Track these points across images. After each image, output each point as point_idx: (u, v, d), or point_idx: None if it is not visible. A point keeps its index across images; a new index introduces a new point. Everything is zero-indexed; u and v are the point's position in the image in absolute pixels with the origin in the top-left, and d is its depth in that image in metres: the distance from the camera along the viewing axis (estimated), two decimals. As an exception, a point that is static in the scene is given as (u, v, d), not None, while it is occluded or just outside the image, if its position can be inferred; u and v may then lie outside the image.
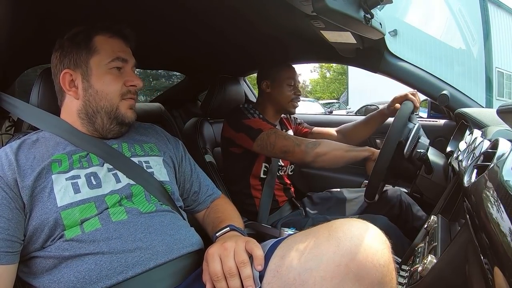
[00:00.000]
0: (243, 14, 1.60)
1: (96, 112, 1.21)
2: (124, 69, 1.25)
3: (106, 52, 1.21)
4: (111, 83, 1.22)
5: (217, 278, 0.92)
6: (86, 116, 1.22)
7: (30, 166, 1.06)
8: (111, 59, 1.21)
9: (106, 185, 1.13)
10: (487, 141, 1.15)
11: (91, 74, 1.20)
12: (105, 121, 1.23)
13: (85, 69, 1.20)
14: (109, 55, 1.21)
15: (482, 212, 0.74)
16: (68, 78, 1.20)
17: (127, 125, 1.29)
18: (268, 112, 2.14)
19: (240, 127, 1.94)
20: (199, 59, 2.42)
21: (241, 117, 1.97)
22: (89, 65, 1.20)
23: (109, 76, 1.21)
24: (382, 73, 2.11)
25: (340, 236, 0.83)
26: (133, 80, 1.26)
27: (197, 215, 1.46)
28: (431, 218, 1.33)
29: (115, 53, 1.22)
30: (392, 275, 0.83)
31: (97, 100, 1.21)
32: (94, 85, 1.20)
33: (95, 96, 1.20)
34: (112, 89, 1.22)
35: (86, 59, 1.20)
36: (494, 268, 0.60)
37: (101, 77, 1.21)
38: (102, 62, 1.21)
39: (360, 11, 1.21)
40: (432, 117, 2.51)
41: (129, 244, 1.03)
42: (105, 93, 1.21)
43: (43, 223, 1.00)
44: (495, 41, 12.53)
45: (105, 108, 1.21)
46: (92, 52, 1.20)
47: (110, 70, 1.22)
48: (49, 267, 1.00)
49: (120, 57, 1.23)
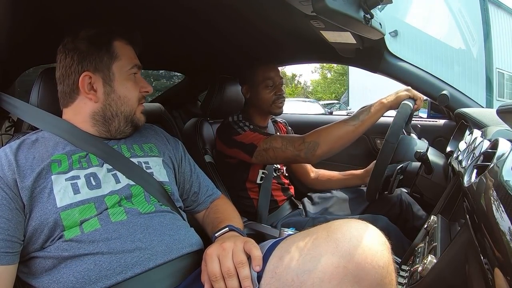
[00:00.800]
0: (242, 14, 1.60)
1: (115, 115, 1.24)
2: (137, 74, 1.29)
3: (126, 59, 1.25)
4: (132, 89, 1.26)
5: (215, 278, 0.92)
6: (103, 119, 1.23)
7: (29, 167, 1.06)
8: (131, 66, 1.26)
9: (105, 186, 1.13)
10: (487, 141, 1.15)
11: (114, 79, 1.22)
12: (121, 124, 1.26)
13: (107, 73, 1.21)
14: (129, 62, 1.26)
15: (482, 212, 0.74)
16: (87, 80, 1.20)
17: (138, 128, 1.33)
18: (255, 117, 2.11)
19: (232, 143, 1.91)
20: (199, 59, 2.42)
21: (231, 133, 1.92)
22: (112, 70, 1.22)
23: (130, 83, 1.26)
24: (382, 73, 2.11)
25: (339, 237, 0.83)
26: (147, 87, 1.31)
27: (197, 216, 1.46)
28: (431, 218, 1.33)
29: (132, 60, 1.27)
30: (392, 277, 0.82)
31: (118, 105, 1.24)
32: (117, 90, 1.23)
33: (117, 100, 1.23)
34: (133, 95, 1.27)
35: (108, 64, 1.22)
36: (494, 268, 0.60)
37: (124, 83, 1.24)
38: (124, 68, 1.24)
39: (360, 11, 1.20)
40: (432, 117, 2.51)
41: (128, 244, 1.03)
42: (127, 99, 1.25)
43: (43, 224, 1.01)
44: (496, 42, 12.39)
45: (124, 112, 1.25)
46: (114, 58, 1.23)
47: (129, 76, 1.26)
48: (49, 267, 1.00)
49: (137, 65, 1.28)
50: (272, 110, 2.07)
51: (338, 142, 1.71)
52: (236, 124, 1.96)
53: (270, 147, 1.79)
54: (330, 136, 1.70)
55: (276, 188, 2.13)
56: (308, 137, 1.73)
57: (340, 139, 1.71)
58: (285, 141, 1.77)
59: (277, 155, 1.79)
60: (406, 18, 8.36)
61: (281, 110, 2.09)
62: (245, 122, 1.96)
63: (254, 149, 1.83)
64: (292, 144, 1.75)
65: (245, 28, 1.81)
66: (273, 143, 1.79)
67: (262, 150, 1.81)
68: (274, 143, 1.79)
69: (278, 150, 1.78)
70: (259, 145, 1.81)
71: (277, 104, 2.05)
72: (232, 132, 1.91)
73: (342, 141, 1.72)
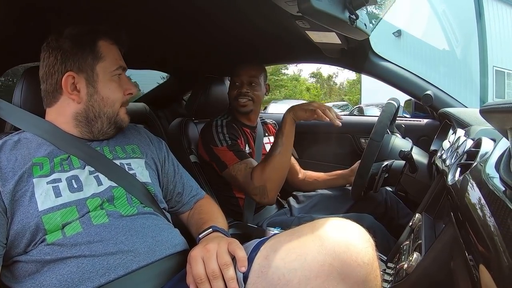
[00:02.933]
0: (227, 14, 1.60)
1: (98, 117, 1.22)
2: (122, 76, 1.28)
3: (110, 60, 1.23)
4: (116, 91, 1.24)
5: (200, 280, 0.92)
6: (85, 120, 1.22)
7: (11, 169, 1.05)
8: (116, 67, 1.24)
9: (87, 188, 1.12)
10: (471, 140, 1.17)
11: (97, 80, 1.20)
12: (104, 125, 1.24)
13: (90, 74, 1.20)
14: (113, 63, 1.24)
15: (466, 210, 0.75)
16: (70, 81, 1.18)
17: (122, 129, 1.31)
18: (240, 116, 2.14)
19: (210, 153, 1.95)
20: (184, 59, 2.41)
21: (211, 142, 1.94)
22: (96, 71, 1.20)
23: (114, 84, 1.24)
24: (367, 73, 2.14)
25: (324, 236, 0.83)
26: (131, 89, 1.29)
27: (182, 216, 1.46)
28: (416, 216, 1.35)
29: (117, 61, 1.25)
30: (377, 273, 0.83)
31: (101, 106, 1.22)
32: (100, 92, 1.21)
33: (100, 102, 1.22)
34: (116, 97, 1.25)
35: (92, 65, 1.20)
36: (479, 264, 0.61)
37: (107, 84, 1.22)
38: (108, 69, 1.22)
39: (345, 12, 1.21)
40: (415, 117, 2.54)
41: (110, 247, 1.02)
42: (110, 100, 1.23)
43: (25, 228, 0.99)
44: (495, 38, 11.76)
45: (107, 113, 1.24)
46: (98, 58, 1.21)
47: (113, 77, 1.24)
48: (32, 271, 0.99)
49: (122, 66, 1.26)
50: (237, 108, 2.09)
51: (279, 174, 1.80)
52: (217, 132, 1.96)
53: (236, 176, 1.86)
54: (271, 174, 1.76)
55: None
56: (255, 180, 1.79)
57: (279, 171, 1.79)
58: (246, 178, 1.83)
59: (239, 186, 1.89)
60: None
61: (244, 109, 2.08)
62: (225, 135, 1.95)
63: (225, 168, 1.89)
64: (248, 184, 1.81)
65: (230, 28, 1.81)
66: (237, 174, 1.85)
67: (229, 176, 1.89)
68: (239, 174, 1.85)
69: (241, 184, 1.86)
70: (229, 167, 1.88)
71: (239, 103, 2.06)
72: (212, 142, 1.94)
73: (282, 172, 1.81)
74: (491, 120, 0.74)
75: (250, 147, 2.09)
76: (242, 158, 1.87)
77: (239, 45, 2.12)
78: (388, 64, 2.08)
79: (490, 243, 0.59)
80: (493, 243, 0.58)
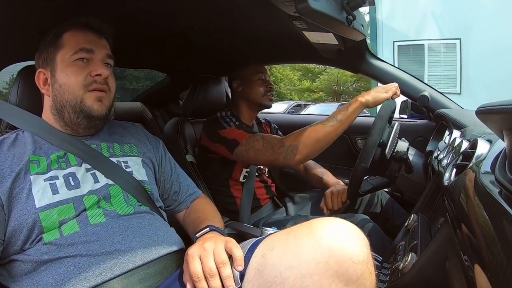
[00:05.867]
0: (224, 14, 1.60)
1: (62, 106, 1.19)
2: (92, 60, 1.21)
3: (70, 45, 1.20)
4: (72, 75, 1.18)
5: (197, 278, 0.92)
6: (56, 112, 1.21)
7: (9, 166, 1.05)
8: (74, 51, 1.19)
9: (84, 186, 1.12)
10: (466, 141, 1.18)
11: (57, 69, 1.19)
12: (72, 115, 1.20)
13: (52, 65, 1.20)
14: (72, 48, 1.19)
15: (462, 210, 0.75)
16: (42, 77, 1.21)
17: (97, 119, 1.23)
18: (242, 111, 2.14)
19: (216, 137, 1.91)
20: (180, 58, 2.41)
21: (217, 127, 1.93)
22: (56, 60, 1.19)
23: (72, 68, 1.19)
24: (363, 73, 2.14)
25: (319, 234, 0.84)
26: (97, 70, 1.20)
27: (178, 215, 1.46)
28: (412, 216, 1.35)
29: (79, 44, 1.20)
30: (371, 271, 0.84)
31: (61, 94, 1.19)
32: (58, 79, 1.19)
33: (59, 89, 1.19)
34: (74, 81, 1.18)
35: (54, 56, 1.20)
36: (474, 264, 0.61)
37: (64, 70, 1.19)
38: (66, 55, 1.19)
39: (343, 13, 1.22)
40: (412, 118, 2.55)
41: (107, 247, 1.03)
42: (67, 86, 1.18)
43: (22, 224, 1.00)
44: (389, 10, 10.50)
45: (69, 101, 1.18)
46: (58, 48, 1.20)
47: (73, 62, 1.19)
48: (28, 270, 0.99)
49: (84, 48, 1.20)
50: (264, 101, 2.11)
51: (317, 144, 1.68)
52: (223, 119, 1.97)
53: (251, 147, 1.78)
54: (309, 140, 1.67)
55: (259, 187, 2.13)
56: (287, 140, 1.70)
57: (318, 142, 1.67)
58: (266, 142, 1.75)
59: (257, 157, 1.78)
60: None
61: (271, 103, 2.15)
62: (231, 118, 1.97)
63: (236, 145, 1.82)
64: (272, 147, 1.72)
65: (226, 28, 1.80)
66: (254, 144, 1.77)
67: (243, 150, 1.80)
68: (256, 144, 1.77)
69: (258, 152, 1.76)
70: (241, 142, 1.80)
71: (268, 96, 2.11)
72: (218, 126, 1.92)
73: (321, 144, 1.69)
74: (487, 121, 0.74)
75: None
76: (254, 133, 1.84)
77: (236, 45, 2.12)
78: (384, 65, 2.08)
79: (485, 244, 0.59)
80: (488, 243, 0.58)
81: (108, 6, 1.41)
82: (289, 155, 1.67)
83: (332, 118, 1.66)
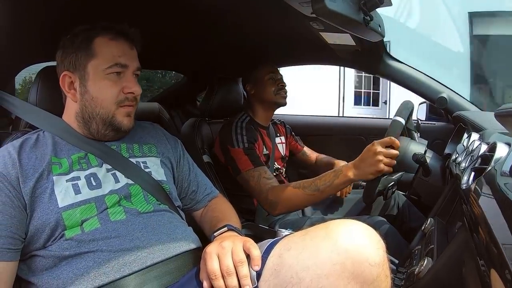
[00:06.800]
0: (241, 15, 1.61)
1: (91, 117, 1.19)
2: (124, 74, 1.20)
3: (104, 57, 1.17)
4: (107, 90, 1.17)
5: (214, 276, 0.92)
6: (82, 120, 1.20)
7: (32, 167, 1.07)
8: (109, 65, 1.16)
9: (105, 185, 1.14)
10: (485, 144, 1.16)
11: (88, 79, 1.16)
12: (100, 127, 1.20)
13: (82, 73, 1.16)
14: (107, 60, 1.17)
15: (479, 215, 0.74)
16: (67, 80, 1.18)
17: (125, 132, 1.26)
18: (258, 112, 2.15)
19: (227, 156, 1.95)
20: (198, 59, 2.42)
21: (228, 142, 1.94)
22: (87, 69, 1.16)
23: (106, 82, 1.17)
24: (381, 75, 2.13)
25: (336, 236, 0.84)
26: (131, 87, 1.20)
27: (195, 214, 1.46)
28: (428, 220, 1.34)
29: (114, 58, 1.17)
30: (387, 274, 0.83)
31: (92, 106, 1.17)
32: (90, 91, 1.17)
33: (90, 102, 1.17)
34: (108, 96, 1.18)
35: (84, 63, 1.16)
36: (490, 270, 0.60)
37: (97, 83, 1.17)
38: (100, 67, 1.16)
39: (360, 13, 1.21)
40: (430, 120, 2.52)
41: (127, 243, 1.04)
42: (100, 100, 1.17)
43: (44, 224, 1.01)
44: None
45: (100, 114, 1.18)
46: (90, 56, 1.16)
47: (107, 75, 1.17)
48: (49, 265, 1.01)
49: (119, 63, 1.18)
50: (277, 100, 2.11)
51: (295, 207, 1.82)
52: (236, 134, 1.96)
53: (247, 181, 1.84)
54: (288, 202, 1.72)
55: None
56: (272, 193, 1.74)
57: (297, 206, 1.81)
58: (257, 184, 1.80)
59: (251, 191, 1.86)
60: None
61: (285, 101, 2.13)
62: (243, 136, 1.96)
63: (238, 173, 1.88)
64: (260, 193, 1.79)
65: (244, 29, 1.81)
66: (249, 180, 1.83)
67: (242, 180, 1.87)
68: (251, 181, 1.83)
69: (251, 188, 1.84)
70: (242, 173, 1.87)
71: (281, 94, 2.10)
72: (229, 141, 1.94)
73: (298, 207, 1.90)
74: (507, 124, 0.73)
75: (268, 148, 2.11)
76: (256, 165, 1.87)
77: (253, 46, 2.12)
78: (402, 66, 2.07)
79: (502, 248, 0.58)
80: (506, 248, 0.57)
81: (127, 7, 1.42)
82: (271, 208, 1.76)
83: (316, 185, 1.64)
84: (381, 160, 1.46)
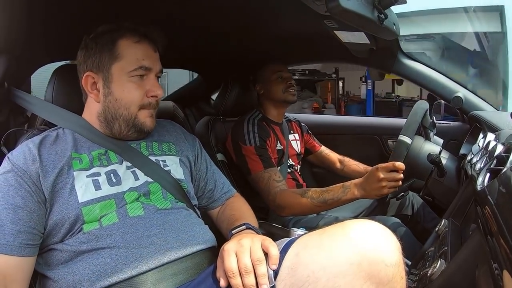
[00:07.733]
0: (256, 14, 1.60)
1: (114, 118, 1.20)
2: (147, 76, 1.22)
3: (129, 59, 1.18)
4: (131, 93, 1.19)
5: (232, 274, 0.92)
6: (105, 120, 1.21)
7: (52, 162, 1.09)
8: (133, 68, 1.18)
9: (125, 183, 1.15)
10: (501, 144, 1.14)
11: (112, 81, 1.18)
12: (122, 128, 1.22)
13: (106, 74, 1.18)
14: (132, 63, 1.18)
15: (494, 216, 0.73)
16: (90, 80, 1.19)
17: (147, 133, 1.27)
18: (269, 111, 2.17)
19: (238, 154, 1.99)
20: (213, 58, 2.42)
21: (240, 139, 1.98)
22: (111, 70, 1.18)
23: (130, 85, 1.19)
24: (396, 73, 2.11)
25: (353, 236, 0.84)
26: (155, 91, 1.22)
27: (211, 212, 1.47)
28: (442, 222, 1.32)
29: (139, 61, 1.19)
30: (402, 275, 0.83)
31: (116, 108, 1.19)
32: (114, 92, 1.18)
33: (114, 103, 1.19)
34: (131, 99, 1.20)
35: (109, 64, 1.17)
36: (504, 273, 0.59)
37: (122, 85, 1.18)
38: (124, 69, 1.18)
39: (374, 11, 1.20)
40: (445, 119, 2.49)
41: (144, 239, 1.06)
42: (124, 102, 1.19)
43: (64, 218, 1.03)
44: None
45: (123, 116, 1.20)
46: (115, 58, 1.18)
47: (131, 78, 1.19)
48: (65, 259, 1.02)
49: (144, 66, 1.20)
50: (286, 98, 2.12)
51: (299, 213, 1.90)
52: (248, 131, 1.99)
53: (256, 182, 1.90)
54: (295, 210, 1.79)
55: (290, 186, 2.12)
56: (279, 197, 1.80)
57: (302, 212, 1.84)
58: (266, 186, 1.86)
59: (259, 192, 1.91)
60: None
61: (295, 98, 2.16)
62: (255, 133, 1.98)
63: (249, 174, 1.93)
64: (268, 194, 1.85)
65: (259, 28, 1.81)
66: (259, 180, 1.89)
67: (253, 180, 1.93)
68: (261, 182, 1.88)
69: (260, 189, 1.90)
70: (252, 174, 1.92)
71: (289, 92, 2.13)
72: (241, 137, 1.98)
73: (304, 213, 1.91)
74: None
75: (282, 144, 2.12)
76: (266, 166, 1.90)
77: (267, 45, 2.12)
78: (417, 65, 2.05)
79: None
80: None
81: (146, 7, 1.42)
82: (277, 210, 1.84)
83: (323, 197, 1.69)
84: (385, 186, 1.52)
